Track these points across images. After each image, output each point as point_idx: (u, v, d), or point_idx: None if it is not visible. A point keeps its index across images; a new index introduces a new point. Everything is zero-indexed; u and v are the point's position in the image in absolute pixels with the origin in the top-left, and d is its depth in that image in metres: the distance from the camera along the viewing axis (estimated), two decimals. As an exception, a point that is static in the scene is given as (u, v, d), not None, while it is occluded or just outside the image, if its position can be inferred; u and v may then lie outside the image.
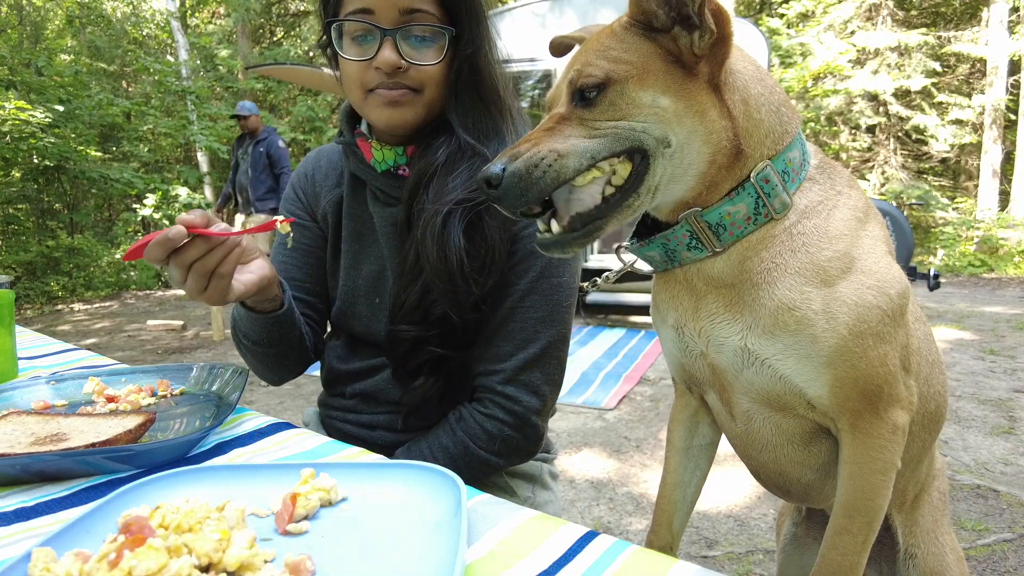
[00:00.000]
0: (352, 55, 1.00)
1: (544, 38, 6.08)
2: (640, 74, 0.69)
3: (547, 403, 1.07)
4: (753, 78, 0.74)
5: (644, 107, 0.69)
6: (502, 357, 1.04)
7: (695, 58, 0.69)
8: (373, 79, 0.99)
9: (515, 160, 0.68)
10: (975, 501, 2.51)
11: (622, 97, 0.69)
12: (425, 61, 0.99)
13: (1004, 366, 4.39)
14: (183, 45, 12.25)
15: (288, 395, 4.13)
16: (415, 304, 1.02)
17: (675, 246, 0.76)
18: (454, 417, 1.06)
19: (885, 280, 0.72)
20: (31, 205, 10.42)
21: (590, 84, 0.69)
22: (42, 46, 12.54)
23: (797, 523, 1.14)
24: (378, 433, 1.14)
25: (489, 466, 1.05)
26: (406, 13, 0.97)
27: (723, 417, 0.87)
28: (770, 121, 0.74)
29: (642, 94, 0.69)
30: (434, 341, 1.03)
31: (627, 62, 0.69)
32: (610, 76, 0.69)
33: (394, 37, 0.97)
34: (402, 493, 0.65)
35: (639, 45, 0.70)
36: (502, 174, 0.68)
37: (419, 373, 1.06)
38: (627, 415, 3.58)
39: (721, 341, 0.76)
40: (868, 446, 0.74)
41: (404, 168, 1.09)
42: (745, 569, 2.09)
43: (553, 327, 1.05)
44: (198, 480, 0.67)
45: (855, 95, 12.10)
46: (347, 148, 1.13)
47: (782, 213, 0.73)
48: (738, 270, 0.74)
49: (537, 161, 0.67)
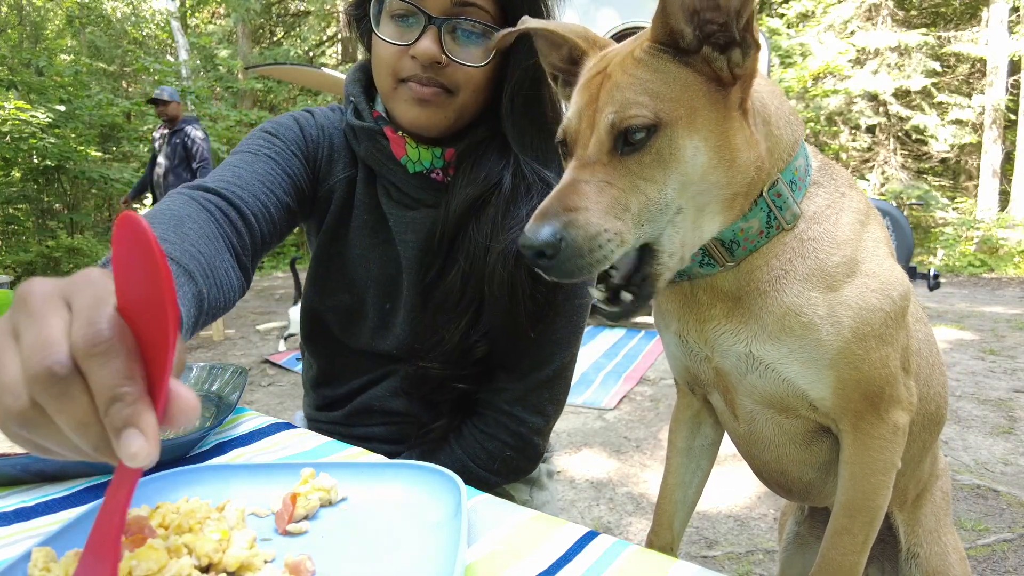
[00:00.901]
0: (388, 35, 0.89)
1: (544, 38, 6.11)
2: (689, 115, 0.61)
3: (550, 423, 1.04)
4: (768, 92, 0.70)
5: (682, 164, 0.61)
6: (515, 377, 0.99)
7: (733, 81, 0.62)
8: (407, 68, 0.89)
9: (571, 229, 0.58)
10: (975, 501, 2.51)
11: (670, 146, 0.61)
12: (468, 60, 0.89)
13: (1004, 366, 4.39)
14: (183, 45, 12.26)
15: (288, 395, 4.13)
16: (455, 343, 0.95)
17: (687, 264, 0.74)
18: (453, 435, 1.02)
19: (888, 282, 0.72)
20: (31, 205, 10.42)
21: (638, 125, 0.60)
22: (42, 46, 12.54)
23: (800, 522, 1.15)
24: (373, 445, 1.10)
25: (487, 484, 1.01)
26: (459, 4, 0.86)
27: (726, 417, 0.87)
28: (787, 136, 0.71)
29: (687, 144, 0.61)
30: (466, 380, 0.97)
31: (673, 99, 0.61)
32: (660, 118, 0.60)
33: (439, 27, 0.86)
34: (402, 493, 0.65)
35: (678, 74, 0.62)
36: (559, 245, 0.58)
37: (440, 412, 1.01)
38: (627, 415, 3.57)
39: (725, 348, 0.75)
40: (869, 446, 0.74)
41: (439, 172, 0.98)
42: (745, 569, 2.09)
43: (569, 348, 1.02)
44: (198, 480, 0.67)
45: (855, 95, 12.10)
46: (363, 132, 0.97)
47: (792, 223, 0.71)
48: (745, 281, 0.72)
49: (602, 243, 0.59)
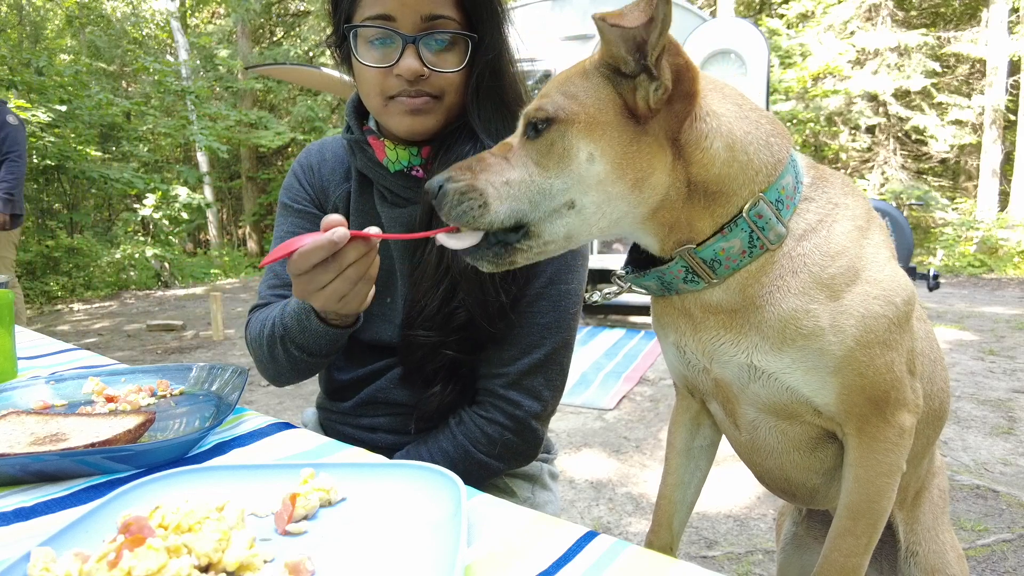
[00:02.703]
0: (370, 60, 0.97)
1: (545, 38, 6.07)
2: (587, 122, 0.67)
3: (548, 408, 1.07)
4: (736, 118, 0.71)
5: (573, 163, 0.68)
6: (506, 361, 1.04)
7: (649, 112, 0.67)
8: (394, 86, 0.97)
9: (450, 183, 0.70)
10: (975, 501, 2.51)
11: (562, 140, 0.68)
12: (447, 68, 0.98)
13: (1004, 366, 4.39)
14: (183, 45, 12.27)
15: (288, 395, 4.13)
16: (435, 310, 1.00)
17: (671, 280, 0.75)
18: (454, 420, 1.06)
19: (890, 289, 0.72)
20: (31, 205, 10.41)
21: (540, 118, 0.69)
22: (42, 46, 12.54)
23: (797, 523, 1.15)
24: (379, 435, 1.13)
25: (489, 470, 1.05)
26: (428, 19, 0.94)
27: (726, 426, 0.87)
28: (760, 158, 0.71)
29: (580, 146, 0.67)
30: (452, 346, 1.02)
31: (580, 103, 0.68)
32: (558, 114, 0.68)
33: (416, 44, 0.95)
34: (402, 493, 0.65)
35: (599, 89, 0.68)
36: (438, 191, 0.71)
37: (434, 379, 1.05)
38: (627, 415, 3.57)
39: (726, 359, 0.75)
40: (874, 449, 0.74)
41: (418, 169, 1.07)
42: (745, 569, 2.09)
43: (559, 333, 1.04)
44: (198, 480, 0.67)
45: (855, 95, 12.11)
46: (355, 145, 1.09)
47: (778, 243, 0.71)
48: (738, 297, 0.73)
49: (464, 197, 0.69)
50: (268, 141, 12.64)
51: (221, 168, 15.65)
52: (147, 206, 10.52)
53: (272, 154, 15.85)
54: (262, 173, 15.51)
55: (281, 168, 16.06)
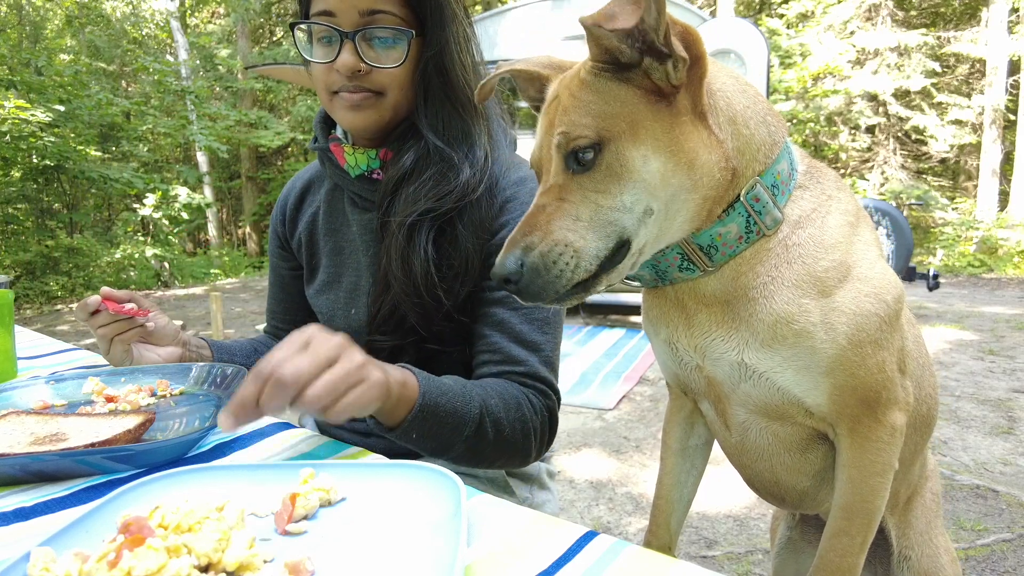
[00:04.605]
0: (318, 57, 0.99)
1: (545, 38, 6.07)
2: (631, 128, 0.64)
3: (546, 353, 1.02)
4: (736, 91, 0.70)
5: (633, 172, 0.65)
6: (533, 346, 0.99)
7: (674, 90, 0.64)
8: (336, 81, 0.98)
9: (530, 253, 0.64)
10: (974, 501, 2.51)
11: (618, 159, 0.64)
12: (387, 63, 0.97)
13: (1004, 366, 4.39)
14: (183, 45, 12.27)
15: (288, 395, 4.12)
16: (388, 314, 1.01)
17: (666, 267, 0.74)
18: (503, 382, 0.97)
19: (881, 287, 0.71)
20: (31, 205, 10.42)
21: (583, 145, 0.64)
22: (42, 46, 12.53)
23: (791, 527, 1.15)
24: (372, 440, 1.13)
25: (526, 437, 0.94)
26: (366, 15, 0.94)
27: (717, 427, 0.87)
28: (760, 134, 0.70)
29: (633, 154, 0.64)
30: (411, 349, 1.02)
31: (614, 116, 0.64)
32: (602, 136, 0.64)
33: (353, 39, 0.95)
34: (402, 493, 0.65)
35: (617, 92, 0.65)
36: (522, 271, 0.64)
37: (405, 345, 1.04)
38: (627, 415, 3.58)
39: (717, 356, 0.75)
40: (867, 449, 0.74)
41: (379, 172, 1.07)
42: (745, 569, 2.09)
43: (557, 330, 1.04)
44: (198, 480, 0.67)
45: (855, 95, 12.10)
46: (322, 154, 1.11)
47: (774, 228, 0.70)
48: (731, 287, 0.72)
49: (555, 258, 0.64)
50: (268, 141, 12.63)
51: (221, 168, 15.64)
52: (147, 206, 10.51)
53: (272, 154, 15.85)
54: (262, 173, 15.51)
55: (281, 168, 16.06)
